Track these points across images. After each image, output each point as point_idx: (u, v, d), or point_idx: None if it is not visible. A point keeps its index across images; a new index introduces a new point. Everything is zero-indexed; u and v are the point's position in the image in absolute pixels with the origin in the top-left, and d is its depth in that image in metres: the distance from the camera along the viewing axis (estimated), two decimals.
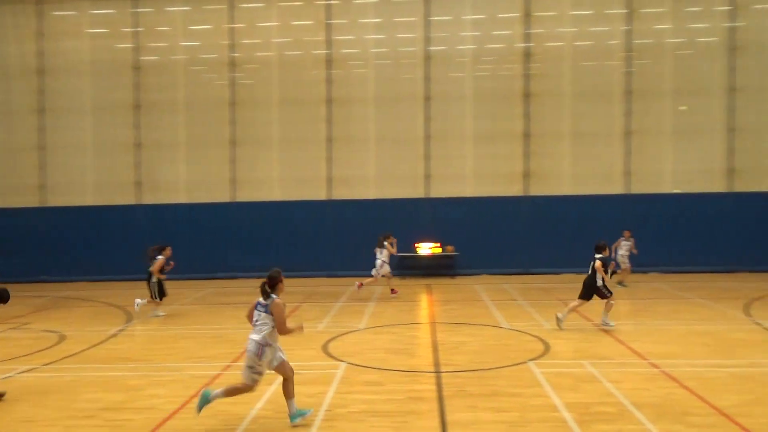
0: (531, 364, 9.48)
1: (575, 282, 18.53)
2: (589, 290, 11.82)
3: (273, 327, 6.97)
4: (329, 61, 21.00)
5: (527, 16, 20.55)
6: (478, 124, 20.78)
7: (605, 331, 11.75)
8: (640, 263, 18.94)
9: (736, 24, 20.31)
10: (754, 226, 19.97)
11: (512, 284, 18.36)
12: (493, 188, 20.75)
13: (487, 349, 10.50)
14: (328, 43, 20.99)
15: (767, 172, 20.34)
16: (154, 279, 13.76)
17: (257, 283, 7.32)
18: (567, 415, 7.26)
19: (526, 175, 20.71)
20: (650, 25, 20.50)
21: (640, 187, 20.50)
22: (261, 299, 7.11)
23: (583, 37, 20.63)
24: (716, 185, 20.50)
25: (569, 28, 20.60)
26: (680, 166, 20.54)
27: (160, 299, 13.92)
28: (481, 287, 17.96)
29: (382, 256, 15.95)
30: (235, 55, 21.21)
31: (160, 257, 13.85)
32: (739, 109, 20.26)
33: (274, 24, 21.28)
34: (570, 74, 20.58)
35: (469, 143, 20.88)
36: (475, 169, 20.88)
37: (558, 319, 11.89)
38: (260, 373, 7.07)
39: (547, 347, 10.51)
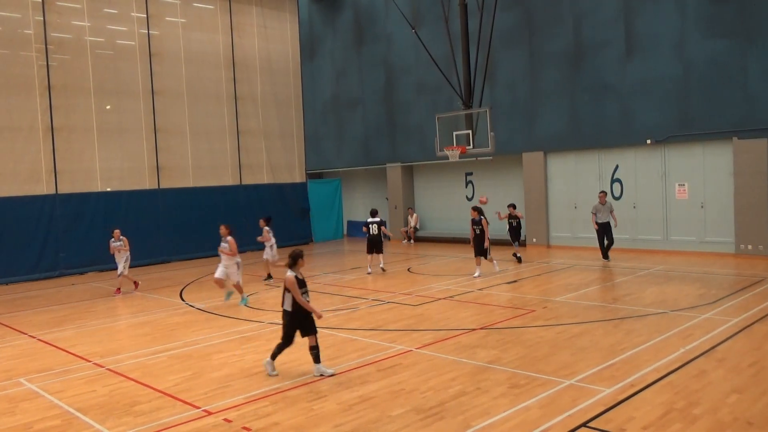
0: None
1: (6, 294, 16.71)
2: None
3: None
4: None
5: None
6: None
7: (44, 341, 10.90)
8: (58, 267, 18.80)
9: (152, 32, 21.64)
10: (182, 218, 21.83)
11: None
12: None
13: None
14: None
15: (186, 170, 22.49)
16: None
17: None
18: None
19: None
20: (68, 20, 19.77)
21: (68, 187, 19.68)
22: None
23: None
24: (145, 182, 21.51)
25: None
26: (109, 163, 20.66)
27: None
28: None
29: None
30: None
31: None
32: (158, 111, 21.72)
33: None
34: None
35: None
36: None
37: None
38: None
39: None
